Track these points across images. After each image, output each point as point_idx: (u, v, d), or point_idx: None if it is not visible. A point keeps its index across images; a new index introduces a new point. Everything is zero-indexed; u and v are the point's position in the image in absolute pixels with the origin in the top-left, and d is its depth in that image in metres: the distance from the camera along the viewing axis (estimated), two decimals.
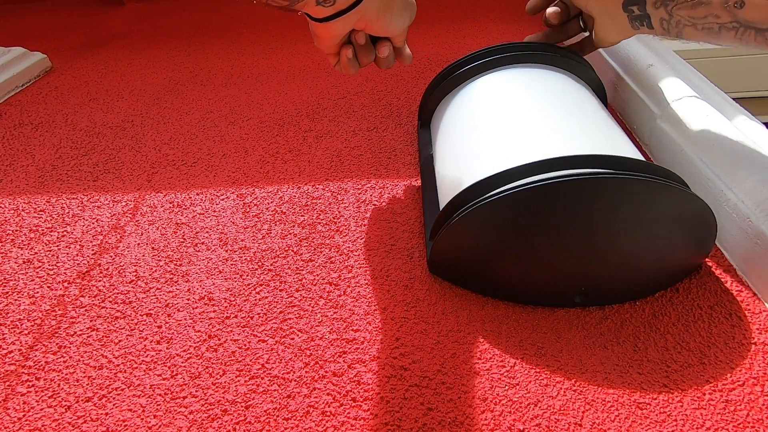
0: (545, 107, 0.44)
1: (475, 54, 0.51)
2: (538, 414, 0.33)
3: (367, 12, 0.40)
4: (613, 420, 0.32)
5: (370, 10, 0.40)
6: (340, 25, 0.40)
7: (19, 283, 0.44)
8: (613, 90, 0.64)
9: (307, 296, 0.42)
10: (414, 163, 0.56)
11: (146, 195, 0.54)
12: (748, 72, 1.11)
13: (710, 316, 0.38)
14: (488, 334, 0.38)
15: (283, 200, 0.52)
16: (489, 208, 0.35)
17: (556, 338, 0.37)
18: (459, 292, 0.41)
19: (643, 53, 0.62)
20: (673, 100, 0.53)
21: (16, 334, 0.40)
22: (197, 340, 0.39)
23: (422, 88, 0.71)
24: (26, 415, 0.34)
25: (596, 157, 0.35)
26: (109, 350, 0.38)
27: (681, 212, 0.36)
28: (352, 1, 0.39)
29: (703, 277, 0.41)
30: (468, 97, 0.50)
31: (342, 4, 0.39)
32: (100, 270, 0.45)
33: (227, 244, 0.47)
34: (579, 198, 0.34)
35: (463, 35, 0.87)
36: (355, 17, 0.40)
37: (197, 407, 0.34)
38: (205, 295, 0.42)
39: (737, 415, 0.32)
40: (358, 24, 0.42)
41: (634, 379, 0.34)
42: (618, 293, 0.39)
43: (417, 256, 0.45)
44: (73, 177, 0.57)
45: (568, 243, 0.37)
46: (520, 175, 0.35)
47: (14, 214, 0.52)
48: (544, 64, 0.50)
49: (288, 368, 0.36)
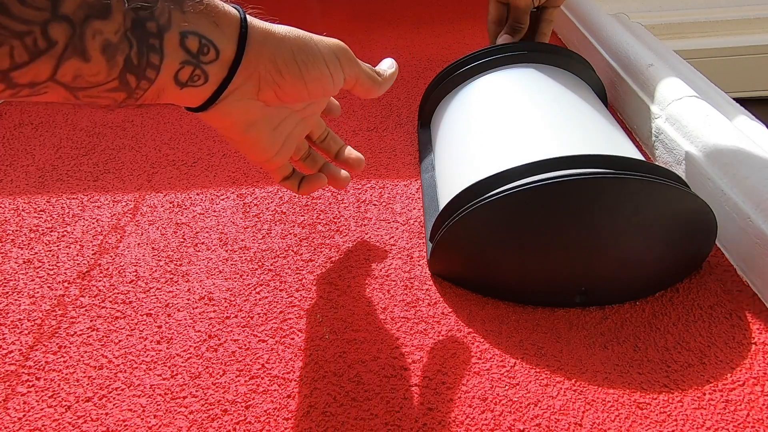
0: (545, 107, 0.44)
1: (474, 54, 0.51)
2: (538, 414, 0.33)
3: (261, 60, 0.28)
4: (614, 420, 0.32)
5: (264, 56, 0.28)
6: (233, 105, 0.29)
7: (19, 283, 0.44)
8: (613, 90, 0.64)
9: (307, 296, 0.42)
10: (414, 163, 0.56)
11: (146, 195, 0.54)
12: (748, 72, 1.11)
13: (710, 316, 0.38)
14: (488, 334, 0.38)
15: (283, 200, 0.52)
16: (489, 208, 0.35)
17: (556, 338, 0.37)
18: (459, 292, 0.41)
19: (643, 53, 0.62)
20: (673, 100, 0.53)
21: (16, 334, 0.40)
22: (197, 340, 0.39)
23: (422, 88, 0.71)
24: (26, 415, 0.34)
25: (596, 157, 0.35)
26: (109, 350, 0.38)
27: (681, 212, 0.36)
28: (230, 59, 0.27)
29: (703, 277, 0.41)
30: (468, 97, 0.50)
31: (217, 73, 0.27)
32: (100, 270, 0.45)
33: (227, 244, 0.47)
34: (579, 198, 0.34)
35: (463, 35, 0.87)
36: (250, 83, 0.29)
37: (197, 407, 0.34)
38: (205, 295, 0.42)
39: (737, 415, 0.32)
40: (264, 93, 0.29)
41: (634, 379, 0.34)
42: (618, 293, 0.39)
43: (417, 256, 0.45)
44: (73, 177, 0.57)
45: (568, 243, 0.37)
46: (519, 175, 0.35)
47: (14, 214, 0.52)
48: (544, 64, 0.50)
49: (288, 368, 0.36)
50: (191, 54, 0.26)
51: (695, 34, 1.08)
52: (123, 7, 0.23)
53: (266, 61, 0.28)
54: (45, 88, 0.22)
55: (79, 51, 0.22)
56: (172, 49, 0.25)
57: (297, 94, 0.31)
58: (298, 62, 0.29)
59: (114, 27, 0.23)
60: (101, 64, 0.23)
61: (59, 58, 0.22)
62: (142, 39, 0.24)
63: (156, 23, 0.24)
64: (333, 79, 0.31)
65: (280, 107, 0.32)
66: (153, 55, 0.24)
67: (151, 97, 0.26)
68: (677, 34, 1.08)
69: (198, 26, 0.26)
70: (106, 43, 0.23)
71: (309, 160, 0.40)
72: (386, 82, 0.36)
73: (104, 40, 0.22)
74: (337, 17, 0.98)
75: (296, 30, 0.30)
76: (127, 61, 0.24)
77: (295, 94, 0.30)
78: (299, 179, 0.39)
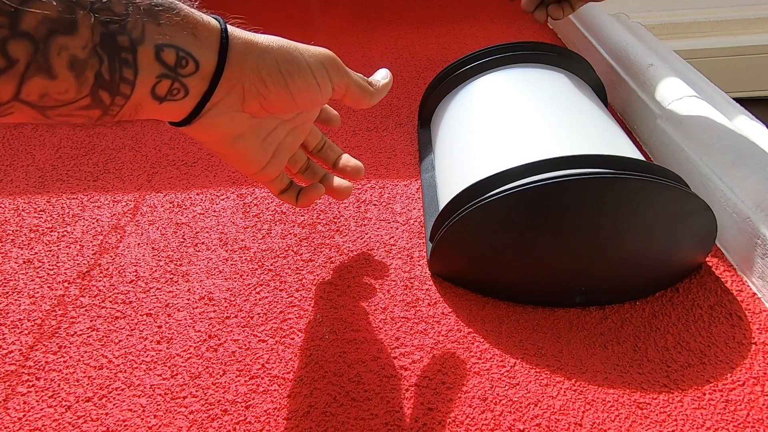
0: (545, 107, 0.44)
1: (474, 54, 0.51)
2: (538, 414, 0.33)
3: (244, 71, 0.27)
4: (614, 420, 0.32)
5: (248, 66, 0.27)
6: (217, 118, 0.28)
7: (19, 283, 0.44)
8: (613, 90, 0.64)
9: (307, 296, 0.42)
10: (414, 163, 0.56)
11: (146, 195, 0.54)
12: (748, 72, 1.11)
13: (710, 316, 0.38)
14: (488, 334, 0.38)
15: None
16: (489, 208, 0.35)
17: (556, 338, 0.37)
18: (459, 292, 0.41)
19: (643, 53, 0.62)
20: (673, 100, 0.53)
21: (16, 334, 0.40)
22: (197, 340, 0.39)
23: (422, 88, 0.71)
24: (26, 415, 0.34)
25: (596, 157, 0.35)
26: (109, 350, 0.38)
27: (681, 212, 0.36)
28: (211, 71, 0.26)
29: (703, 277, 0.41)
30: (468, 97, 0.50)
31: (197, 86, 0.26)
32: (100, 270, 0.45)
33: (227, 244, 0.47)
34: (579, 198, 0.34)
35: (463, 35, 0.87)
36: (233, 95, 0.28)
37: (197, 407, 0.34)
38: (205, 295, 0.42)
39: (737, 415, 0.32)
40: (249, 104, 0.29)
41: (634, 379, 0.34)
42: (618, 293, 0.39)
43: (417, 256, 0.45)
44: (73, 177, 0.57)
45: (568, 243, 0.37)
46: (519, 175, 0.35)
47: (14, 214, 0.52)
48: (544, 63, 0.50)
49: (288, 368, 0.36)
50: (168, 67, 0.25)
51: (695, 34, 1.08)
52: (90, 21, 0.22)
53: (250, 72, 0.27)
54: (10, 108, 0.22)
55: (43, 68, 0.21)
56: (146, 62, 0.24)
57: (283, 105, 0.30)
58: (283, 73, 0.28)
59: (81, 42, 0.22)
60: (69, 81, 0.22)
61: (22, 77, 0.21)
62: (114, 54, 0.23)
63: (128, 37, 0.23)
64: (320, 89, 0.30)
65: (267, 118, 0.31)
66: (126, 70, 0.24)
67: (129, 113, 0.25)
68: (677, 34, 1.08)
69: (175, 38, 0.25)
70: (73, 59, 0.22)
71: (308, 173, 0.39)
72: (379, 92, 0.35)
73: (71, 56, 0.22)
74: (337, 17, 0.98)
75: (280, 39, 0.29)
76: (98, 77, 0.23)
77: (282, 105, 0.30)
78: (297, 191, 0.38)
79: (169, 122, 0.28)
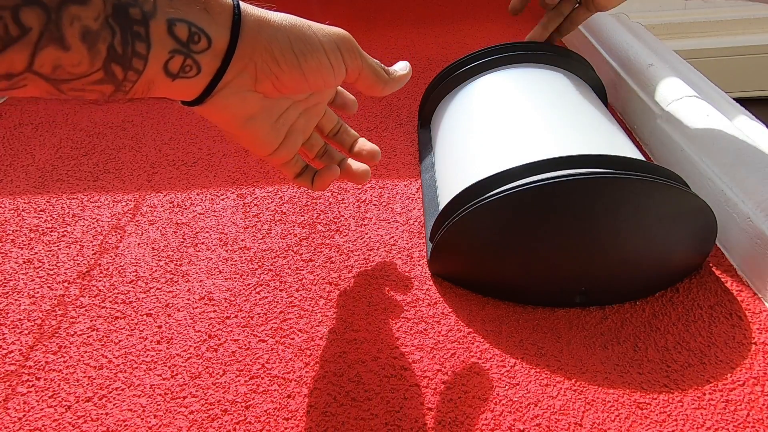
0: (545, 107, 0.44)
1: (474, 54, 0.51)
2: (538, 414, 0.33)
3: (257, 49, 0.27)
4: (614, 420, 0.32)
5: (260, 45, 0.27)
6: (229, 98, 0.28)
7: (19, 283, 0.44)
8: (613, 90, 0.64)
9: (307, 296, 0.42)
10: (414, 163, 0.56)
11: (146, 195, 0.54)
12: (748, 72, 1.11)
13: (710, 316, 0.38)
14: (488, 334, 0.38)
15: (283, 200, 0.52)
16: (489, 208, 0.35)
17: (556, 338, 0.37)
18: (459, 292, 0.41)
19: (643, 53, 0.62)
20: (673, 100, 0.53)
21: (16, 334, 0.40)
22: (197, 340, 0.39)
23: (422, 88, 0.71)
24: (26, 415, 0.34)
25: (596, 157, 0.35)
26: (109, 350, 0.38)
27: (681, 212, 0.36)
28: (223, 48, 0.26)
29: (703, 277, 0.41)
30: (468, 97, 0.50)
31: (209, 63, 0.26)
32: (100, 270, 0.45)
33: (227, 244, 0.47)
34: (579, 198, 0.34)
35: (463, 35, 0.87)
36: (246, 74, 0.27)
37: (197, 407, 0.34)
38: (205, 295, 0.42)
39: (737, 415, 0.32)
40: (262, 84, 0.28)
41: (634, 379, 0.34)
42: (618, 293, 0.39)
43: (417, 256, 0.45)
44: (73, 177, 0.57)
45: (568, 243, 0.37)
46: (519, 175, 0.35)
47: (14, 214, 0.52)
48: (544, 63, 0.50)
49: (288, 368, 0.36)
50: (181, 43, 0.24)
51: (695, 34, 1.08)
52: None
53: (262, 51, 0.27)
54: (23, 80, 0.21)
55: (56, 38, 0.21)
56: (159, 37, 0.24)
57: (296, 85, 0.29)
58: (295, 52, 0.28)
59: (93, 13, 0.21)
60: (82, 53, 0.22)
61: (35, 46, 0.20)
62: (126, 26, 0.22)
63: (140, 9, 0.23)
64: (333, 69, 0.30)
65: (279, 98, 0.31)
66: (139, 44, 0.23)
67: (142, 90, 0.25)
68: (677, 34, 1.08)
69: (187, 13, 0.24)
70: (86, 30, 0.21)
71: (326, 157, 0.38)
72: (395, 82, 0.34)
73: (83, 27, 0.21)
74: (337, 17, 0.98)
75: (294, 18, 0.28)
76: (110, 50, 0.22)
77: (294, 85, 0.29)
78: (312, 175, 0.37)
79: (182, 102, 0.28)
